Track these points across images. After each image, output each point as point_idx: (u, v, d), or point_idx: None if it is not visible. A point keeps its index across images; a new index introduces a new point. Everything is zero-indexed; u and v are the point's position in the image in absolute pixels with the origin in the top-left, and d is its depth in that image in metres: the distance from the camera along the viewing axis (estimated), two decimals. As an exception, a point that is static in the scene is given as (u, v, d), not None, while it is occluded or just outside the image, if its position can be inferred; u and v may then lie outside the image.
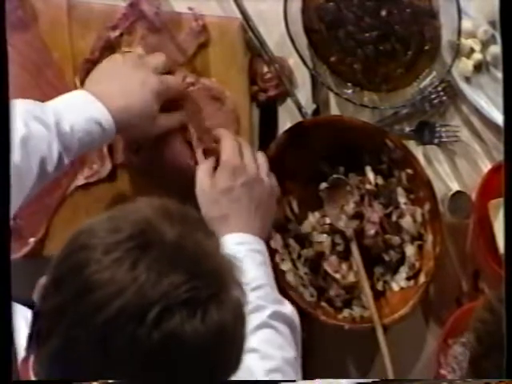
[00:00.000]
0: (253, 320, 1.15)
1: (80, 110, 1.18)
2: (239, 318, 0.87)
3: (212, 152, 1.29)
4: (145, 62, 1.27)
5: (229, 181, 1.24)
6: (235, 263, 0.89)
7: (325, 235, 1.37)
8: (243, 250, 1.20)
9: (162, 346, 0.81)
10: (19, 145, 1.10)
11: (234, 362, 0.89)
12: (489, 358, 1.00)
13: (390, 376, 1.29)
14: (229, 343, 0.86)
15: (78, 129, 1.16)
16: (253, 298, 1.15)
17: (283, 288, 1.34)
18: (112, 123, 1.19)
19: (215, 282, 0.84)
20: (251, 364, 1.12)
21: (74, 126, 1.16)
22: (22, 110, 1.13)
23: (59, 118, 1.16)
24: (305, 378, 1.26)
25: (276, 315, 1.18)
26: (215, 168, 1.26)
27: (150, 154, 1.34)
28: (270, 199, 1.27)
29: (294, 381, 1.16)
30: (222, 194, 1.24)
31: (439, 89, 1.40)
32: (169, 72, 1.30)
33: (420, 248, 1.37)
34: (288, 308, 1.21)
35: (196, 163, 1.29)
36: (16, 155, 1.08)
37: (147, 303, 0.80)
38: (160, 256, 0.83)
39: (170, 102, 1.28)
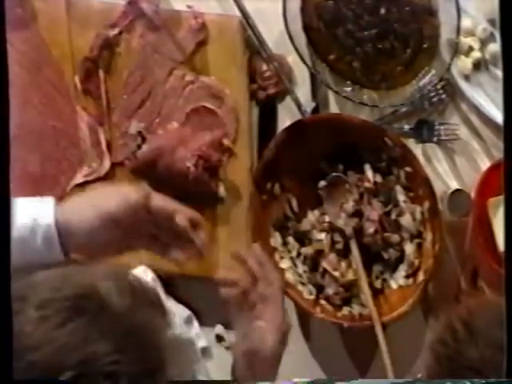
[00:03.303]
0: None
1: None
2: None
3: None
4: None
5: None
6: (181, 344, 0.89)
7: (324, 233, 1.37)
8: None
9: None
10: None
11: None
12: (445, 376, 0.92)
13: (390, 374, 1.29)
14: None
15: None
16: None
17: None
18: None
19: (148, 360, 0.83)
20: None
21: None
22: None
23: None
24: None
25: None
26: None
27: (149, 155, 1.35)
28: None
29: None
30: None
31: (438, 87, 1.40)
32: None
33: (419, 246, 1.37)
34: None
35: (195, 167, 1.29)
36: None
37: (60, 366, 0.80)
38: (93, 322, 0.82)
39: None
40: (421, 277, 1.36)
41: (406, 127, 1.41)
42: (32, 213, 1.06)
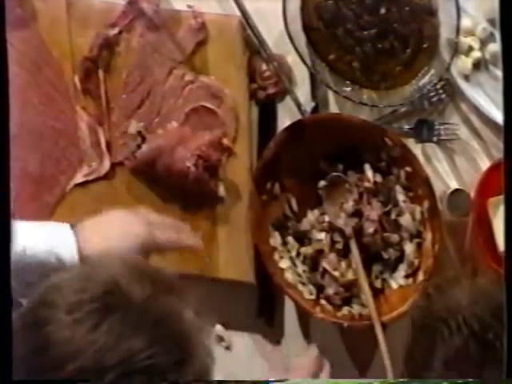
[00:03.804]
0: None
1: (48, 240, 1.11)
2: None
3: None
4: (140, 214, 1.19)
5: None
6: (205, 326, 0.89)
7: (324, 233, 1.37)
8: None
9: None
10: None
11: None
12: (420, 342, 1.00)
13: (390, 374, 1.29)
14: None
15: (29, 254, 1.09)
16: None
17: (282, 286, 1.34)
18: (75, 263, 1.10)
19: (179, 348, 0.84)
20: None
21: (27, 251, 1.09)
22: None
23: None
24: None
25: None
26: None
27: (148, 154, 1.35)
28: None
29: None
30: None
31: (438, 87, 1.40)
32: None
33: (419, 246, 1.37)
34: None
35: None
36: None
37: (103, 368, 0.80)
38: (123, 319, 0.83)
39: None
40: (420, 277, 1.36)
41: (406, 127, 1.41)
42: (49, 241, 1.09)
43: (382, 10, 1.34)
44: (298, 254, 1.38)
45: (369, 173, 1.37)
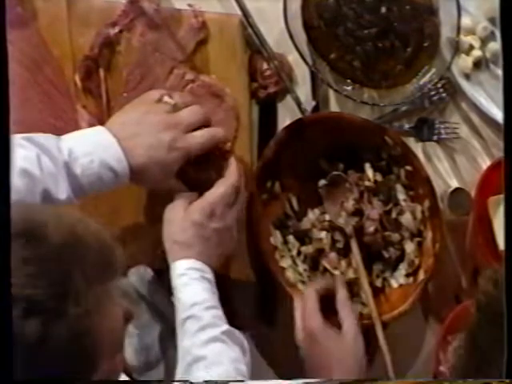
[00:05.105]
0: (206, 334, 1.18)
1: (97, 151, 1.17)
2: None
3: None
4: (178, 119, 1.24)
5: (203, 217, 1.24)
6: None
7: (324, 232, 1.37)
8: (194, 274, 1.22)
9: None
10: (24, 174, 1.11)
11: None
12: (484, 329, 0.99)
13: (390, 374, 1.29)
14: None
15: (89, 173, 1.16)
16: (208, 316, 1.19)
17: (282, 285, 1.34)
18: (127, 174, 1.19)
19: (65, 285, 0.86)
20: (197, 374, 1.15)
21: (86, 170, 1.16)
22: (37, 141, 1.14)
23: (73, 158, 1.15)
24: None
25: (229, 333, 1.20)
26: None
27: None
28: (232, 239, 1.29)
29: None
30: (193, 225, 1.24)
31: (439, 86, 1.40)
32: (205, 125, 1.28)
33: (419, 245, 1.37)
34: (239, 332, 1.23)
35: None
36: (19, 182, 1.10)
37: None
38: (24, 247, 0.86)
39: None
40: (421, 276, 1.36)
41: (407, 126, 1.41)
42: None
43: (383, 9, 1.34)
44: (299, 252, 1.38)
45: (369, 172, 1.37)
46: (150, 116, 1.23)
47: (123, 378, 1.07)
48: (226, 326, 1.20)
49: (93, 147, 1.17)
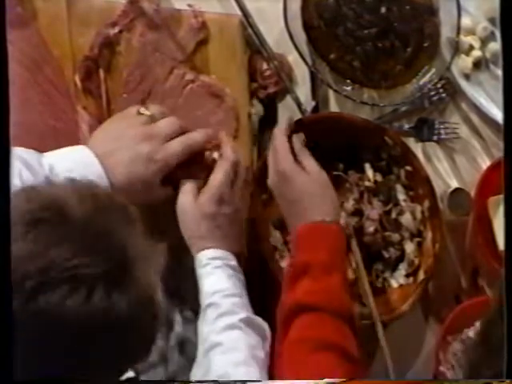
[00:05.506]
0: (223, 321, 1.18)
1: (78, 168, 1.16)
2: (144, 305, 0.87)
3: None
4: (156, 130, 1.23)
5: (214, 207, 1.24)
6: (160, 249, 0.90)
7: (324, 232, 1.37)
8: (217, 263, 1.23)
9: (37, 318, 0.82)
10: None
11: (134, 351, 0.89)
12: (498, 325, 0.96)
13: (391, 374, 1.29)
14: (123, 329, 0.85)
15: None
16: (227, 304, 1.19)
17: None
18: (108, 189, 1.16)
19: (112, 262, 0.85)
20: (214, 358, 1.15)
21: None
22: (19, 155, 1.14)
23: (54, 174, 1.14)
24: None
25: (248, 321, 1.20)
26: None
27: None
28: (240, 221, 1.29)
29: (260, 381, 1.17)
30: (205, 218, 1.24)
31: (438, 86, 1.40)
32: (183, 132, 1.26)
33: (419, 245, 1.37)
34: (260, 320, 1.23)
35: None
36: None
37: (24, 274, 0.81)
38: (53, 230, 0.84)
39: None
40: (421, 276, 1.36)
41: (406, 126, 1.42)
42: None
43: (383, 9, 1.34)
44: (299, 253, 1.38)
45: (369, 172, 1.37)
46: (128, 129, 1.23)
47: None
48: (244, 314, 1.20)
49: (74, 164, 1.17)
